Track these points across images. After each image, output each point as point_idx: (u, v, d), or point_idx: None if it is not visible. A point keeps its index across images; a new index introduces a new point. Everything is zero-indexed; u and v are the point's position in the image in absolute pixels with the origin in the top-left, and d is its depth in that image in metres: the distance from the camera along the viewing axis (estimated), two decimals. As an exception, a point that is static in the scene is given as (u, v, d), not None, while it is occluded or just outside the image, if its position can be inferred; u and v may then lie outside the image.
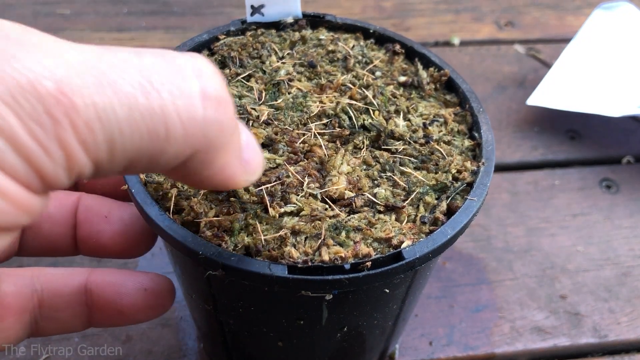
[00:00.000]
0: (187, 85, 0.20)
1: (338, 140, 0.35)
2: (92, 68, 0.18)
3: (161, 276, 0.33)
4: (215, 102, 0.21)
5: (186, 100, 0.20)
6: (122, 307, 0.31)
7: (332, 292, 0.29)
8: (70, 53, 0.18)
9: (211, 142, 0.22)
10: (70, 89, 0.17)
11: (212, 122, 0.21)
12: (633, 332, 0.51)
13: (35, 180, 0.18)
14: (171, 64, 0.20)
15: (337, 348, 0.37)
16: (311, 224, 0.30)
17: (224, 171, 0.24)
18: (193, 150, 0.21)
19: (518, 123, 0.69)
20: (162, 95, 0.19)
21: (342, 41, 0.41)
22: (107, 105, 0.18)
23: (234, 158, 0.24)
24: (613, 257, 0.56)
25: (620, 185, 0.63)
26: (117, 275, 0.32)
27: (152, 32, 0.77)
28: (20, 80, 0.17)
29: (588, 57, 0.71)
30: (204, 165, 0.23)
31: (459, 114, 0.38)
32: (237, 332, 0.38)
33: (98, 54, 0.19)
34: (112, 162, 0.19)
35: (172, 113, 0.20)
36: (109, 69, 0.19)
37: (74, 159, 0.18)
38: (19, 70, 0.17)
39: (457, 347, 0.49)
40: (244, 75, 0.38)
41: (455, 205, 0.32)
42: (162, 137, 0.20)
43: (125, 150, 0.19)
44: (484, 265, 0.55)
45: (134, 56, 0.20)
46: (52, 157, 0.18)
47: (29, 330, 0.31)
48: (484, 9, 0.86)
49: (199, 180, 0.24)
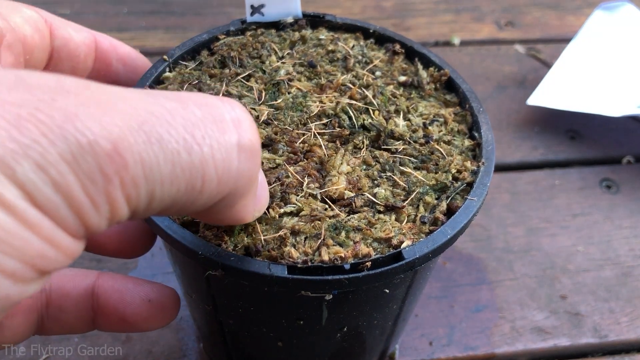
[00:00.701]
0: (227, 138, 0.21)
1: (338, 140, 0.35)
2: (143, 123, 0.19)
3: (167, 287, 0.33)
4: (250, 153, 0.22)
5: (224, 154, 0.21)
6: (125, 316, 0.32)
7: (332, 292, 0.29)
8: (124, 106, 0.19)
9: (239, 189, 0.23)
10: (123, 148, 0.18)
11: (244, 171, 0.22)
12: (633, 332, 0.51)
13: (80, 230, 0.19)
14: (212, 114, 0.21)
15: (337, 348, 0.37)
16: (311, 224, 0.30)
17: (241, 211, 0.25)
18: (222, 197, 0.22)
19: (518, 123, 0.69)
20: (203, 150, 0.20)
21: (342, 41, 0.41)
22: (153, 162, 0.19)
23: (252, 200, 0.25)
24: (613, 257, 0.56)
25: (621, 185, 0.63)
26: (123, 283, 0.32)
27: (152, 32, 0.77)
28: (82, 141, 0.18)
29: (588, 57, 0.71)
30: (226, 208, 0.24)
31: (459, 113, 0.38)
32: (237, 332, 0.38)
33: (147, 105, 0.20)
34: (148, 210, 0.20)
35: (211, 167, 0.21)
36: (157, 122, 0.20)
37: (117, 211, 0.19)
38: (81, 130, 0.18)
39: (457, 347, 0.49)
40: (243, 75, 0.37)
41: (455, 205, 0.32)
42: (197, 188, 0.21)
43: (163, 201, 0.20)
44: (484, 265, 0.55)
45: (179, 106, 0.21)
46: (99, 210, 0.19)
47: (35, 329, 0.31)
48: (484, 8, 0.86)
49: (216, 219, 0.25)
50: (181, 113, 0.20)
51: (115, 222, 0.20)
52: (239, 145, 0.22)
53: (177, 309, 0.33)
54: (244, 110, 0.23)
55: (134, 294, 0.32)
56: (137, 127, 0.19)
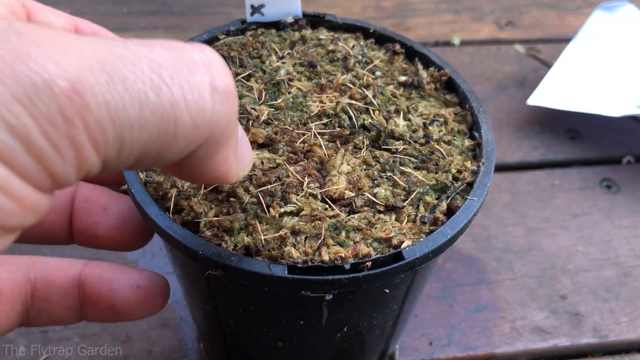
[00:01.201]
0: (197, 78, 0.20)
1: (338, 140, 0.35)
2: (104, 63, 0.18)
3: (156, 274, 0.32)
4: (224, 95, 0.21)
5: (196, 95, 0.20)
6: (113, 304, 0.31)
7: (332, 292, 0.29)
8: (83, 47, 0.18)
9: (216, 135, 0.21)
10: (83, 88, 0.17)
11: (220, 115, 0.21)
12: (633, 332, 0.51)
13: (45, 180, 0.18)
14: (181, 55, 0.20)
15: (337, 348, 0.37)
16: (311, 223, 0.30)
17: (222, 165, 0.24)
18: (198, 144, 0.21)
19: (518, 123, 0.69)
20: (172, 91, 0.19)
21: (342, 41, 0.41)
22: (118, 104, 0.18)
23: (232, 153, 0.24)
24: (613, 257, 0.56)
25: (621, 185, 0.63)
26: (111, 270, 0.31)
27: (152, 32, 0.77)
28: (36, 80, 0.16)
29: (588, 57, 0.71)
30: (205, 159, 0.22)
31: (459, 113, 0.38)
32: (237, 332, 0.38)
33: (109, 47, 0.19)
34: (120, 159, 0.19)
35: (182, 108, 0.19)
36: (121, 63, 0.18)
37: (84, 158, 0.18)
38: (34, 69, 0.17)
39: (457, 347, 0.49)
40: (243, 75, 0.37)
41: (455, 205, 0.32)
42: (170, 133, 0.20)
43: (134, 148, 0.19)
44: (484, 265, 0.55)
45: (144, 48, 0.19)
46: (64, 156, 0.18)
47: (20, 320, 0.30)
48: (484, 8, 0.86)
49: (196, 174, 0.24)
50: (147, 54, 0.19)
51: (85, 172, 0.19)
52: (212, 86, 0.20)
53: (167, 296, 0.32)
54: (215, 53, 0.22)
55: (122, 281, 0.31)
56: (98, 67, 0.18)
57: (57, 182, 0.18)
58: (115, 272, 0.31)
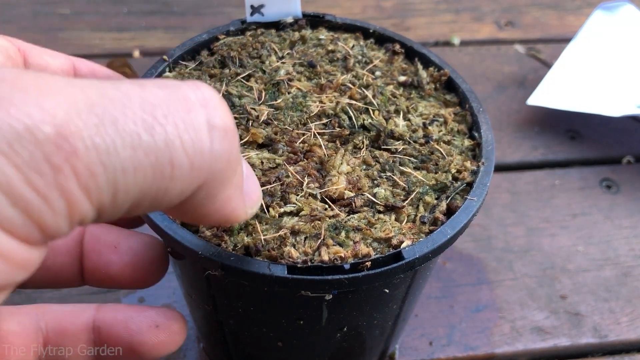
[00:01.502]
0: (193, 116, 0.19)
1: (338, 140, 0.35)
2: (93, 106, 0.17)
3: (172, 310, 0.31)
4: (223, 132, 0.20)
5: (192, 133, 0.19)
6: (133, 345, 0.30)
7: (331, 292, 0.29)
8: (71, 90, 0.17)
9: (217, 175, 0.21)
10: (70, 132, 0.16)
11: (220, 153, 0.20)
12: (633, 332, 0.51)
13: (34, 233, 0.17)
14: (175, 94, 0.19)
15: (337, 348, 0.37)
16: (311, 223, 0.30)
17: (226, 205, 0.23)
18: (198, 185, 0.20)
19: (518, 123, 0.69)
20: (166, 130, 0.18)
21: (342, 41, 0.41)
22: (109, 147, 0.17)
23: (236, 191, 0.23)
24: (613, 257, 0.56)
25: (621, 185, 0.63)
26: (125, 311, 0.30)
27: (152, 32, 0.77)
28: (17, 127, 0.16)
29: (588, 57, 0.71)
30: (207, 199, 0.21)
31: (459, 113, 0.38)
32: (237, 332, 0.38)
33: (100, 89, 0.18)
34: (115, 205, 0.18)
35: (178, 148, 0.19)
36: (111, 104, 0.18)
37: (75, 207, 0.17)
38: (16, 116, 0.16)
39: (457, 347, 0.49)
40: (243, 75, 0.37)
41: (455, 205, 0.32)
42: (167, 175, 0.19)
43: (129, 192, 0.18)
44: (484, 265, 0.55)
45: (137, 88, 0.19)
46: (53, 206, 0.17)
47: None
48: (484, 8, 0.86)
49: (201, 215, 0.23)
50: (139, 94, 0.18)
51: (78, 221, 0.18)
52: (209, 123, 0.20)
53: (185, 332, 0.31)
54: (212, 89, 0.21)
55: (139, 321, 0.30)
56: (86, 110, 0.17)
57: (48, 234, 0.17)
58: (130, 312, 0.30)
